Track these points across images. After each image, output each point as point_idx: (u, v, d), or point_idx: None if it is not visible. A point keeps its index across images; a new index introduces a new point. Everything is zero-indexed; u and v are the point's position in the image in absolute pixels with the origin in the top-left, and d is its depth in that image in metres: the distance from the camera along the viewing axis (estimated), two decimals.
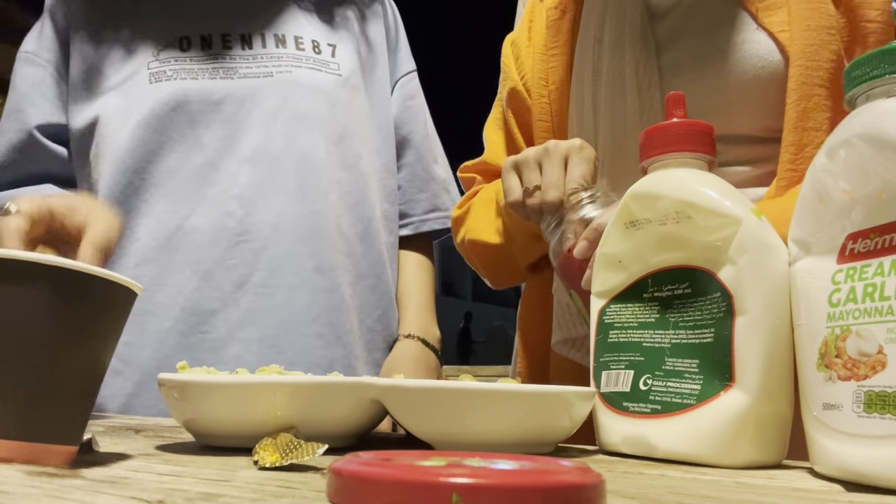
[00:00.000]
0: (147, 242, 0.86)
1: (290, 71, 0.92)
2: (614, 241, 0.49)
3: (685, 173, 0.46)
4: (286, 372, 0.46)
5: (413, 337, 0.97)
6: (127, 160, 0.87)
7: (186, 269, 0.85)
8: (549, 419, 0.42)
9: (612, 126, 0.69)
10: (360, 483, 0.20)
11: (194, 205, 0.86)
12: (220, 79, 0.89)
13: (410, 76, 1.07)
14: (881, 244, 0.34)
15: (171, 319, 0.84)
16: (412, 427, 0.42)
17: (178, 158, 0.87)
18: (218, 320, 0.84)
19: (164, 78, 0.88)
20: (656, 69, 0.68)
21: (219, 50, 0.91)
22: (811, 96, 0.62)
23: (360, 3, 1.03)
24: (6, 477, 0.28)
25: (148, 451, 0.41)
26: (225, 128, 0.88)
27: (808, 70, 0.62)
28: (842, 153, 0.36)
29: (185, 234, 0.86)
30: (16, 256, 0.31)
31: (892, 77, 0.35)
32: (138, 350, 0.84)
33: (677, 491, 0.31)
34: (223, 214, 0.86)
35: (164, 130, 0.87)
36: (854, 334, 0.34)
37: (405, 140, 1.05)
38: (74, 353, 0.33)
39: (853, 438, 0.34)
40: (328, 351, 0.87)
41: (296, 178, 0.89)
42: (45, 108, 0.92)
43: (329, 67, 0.95)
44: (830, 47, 0.62)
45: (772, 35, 0.64)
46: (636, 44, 0.69)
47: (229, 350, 0.84)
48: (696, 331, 0.43)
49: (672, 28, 0.70)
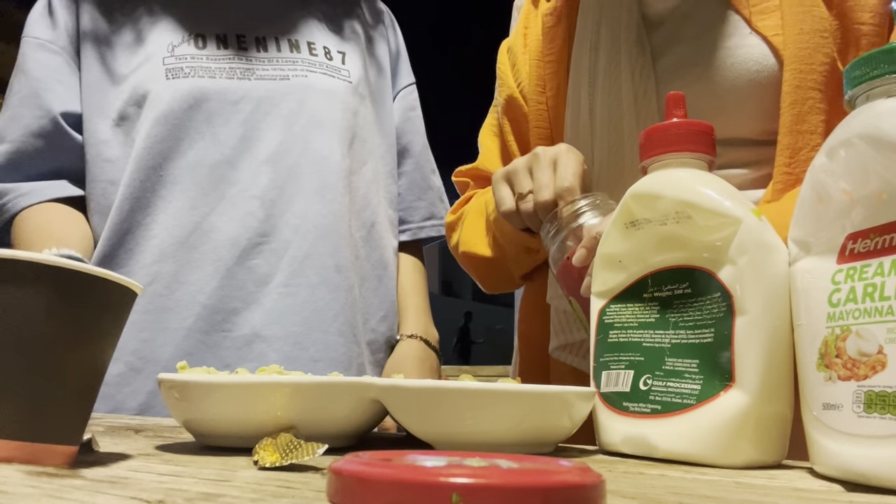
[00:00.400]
0: (165, 239, 0.86)
1: (306, 75, 0.93)
2: (614, 241, 0.49)
3: (685, 173, 0.46)
4: (286, 372, 0.46)
5: (415, 337, 0.99)
6: (145, 156, 0.87)
7: (207, 266, 0.85)
8: (549, 419, 0.42)
9: (608, 132, 0.70)
10: (360, 483, 0.20)
11: (214, 203, 0.86)
12: (237, 79, 0.90)
13: (410, 88, 1.10)
14: (881, 244, 0.34)
15: (193, 317, 0.84)
16: (412, 427, 0.42)
17: (196, 155, 0.87)
18: (241, 319, 0.85)
19: (182, 75, 0.88)
20: (652, 74, 0.69)
21: (235, 50, 0.92)
22: (805, 100, 0.62)
23: (366, 16, 1.06)
24: (6, 477, 0.28)
25: (148, 451, 0.41)
26: (243, 127, 0.88)
27: (801, 74, 0.62)
28: (842, 153, 0.36)
29: (204, 232, 0.86)
30: (16, 256, 0.31)
31: (891, 77, 0.35)
32: (159, 348, 0.84)
33: (677, 491, 0.31)
34: (244, 214, 0.87)
35: (182, 127, 0.87)
36: (854, 334, 0.34)
37: (405, 149, 1.08)
38: (74, 353, 0.33)
39: (853, 438, 0.34)
40: (347, 349, 0.89)
41: (315, 179, 0.90)
42: (65, 96, 0.91)
43: (340, 74, 0.96)
44: (824, 50, 0.62)
45: (765, 39, 0.65)
46: (632, 49, 0.69)
47: (254, 348, 0.85)
48: (696, 331, 0.43)
49: (668, 33, 0.70)
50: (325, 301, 0.88)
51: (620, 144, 0.69)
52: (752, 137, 0.66)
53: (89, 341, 0.33)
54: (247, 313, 0.85)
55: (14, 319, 0.31)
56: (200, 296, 0.85)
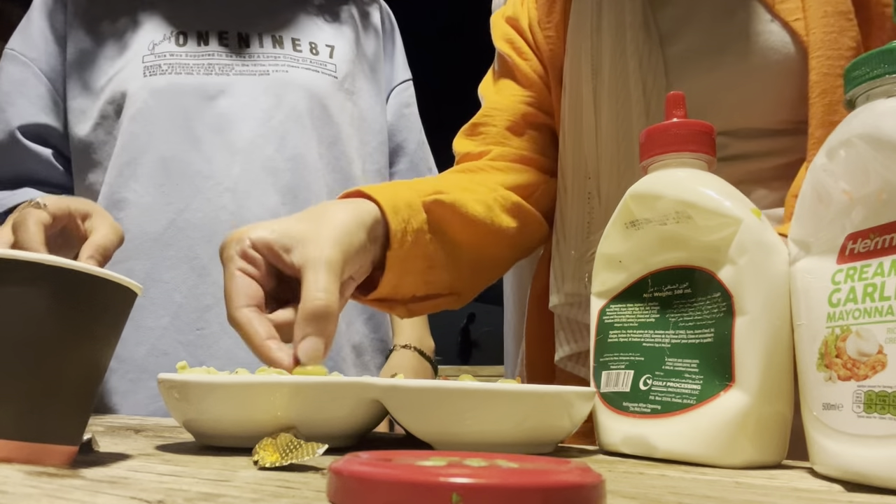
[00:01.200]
0: (137, 235, 0.85)
1: (287, 71, 0.92)
2: (614, 241, 0.49)
3: (685, 173, 0.46)
4: (286, 372, 0.46)
5: (409, 347, 0.98)
6: (120, 153, 0.87)
7: (182, 265, 0.85)
8: (549, 419, 0.42)
9: (615, 123, 0.66)
10: (360, 483, 0.20)
11: (188, 199, 0.86)
12: (215, 75, 0.89)
13: (406, 85, 1.08)
14: (881, 244, 0.34)
15: (168, 316, 0.84)
16: (412, 427, 0.42)
17: (171, 149, 0.87)
18: (212, 315, 0.84)
19: (159, 72, 0.88)
20: (661, 62, 0.65)
21: (215, 47, 0.91)
22: (836, 88, 0.58)
23: (359, 9, 1.04)
24: (6, 477, 0.28)
25: (148, 451, 0.41)
26: (219, 121, 0.88)
27: (829, 60, 0.58)
28: (842, 153, 0.36)
29: (179, 228, 0.85)
30: (16, 256, 0.31)
31: (891, 77, 0.35)
32: (133, 347, 0.83)
33: (677, 491, 0.31)
34: (217, 208, 0.86)
35: (157, 122, 0.87)
36: (854, 334, 0.34)
37: (399, 147, 1.05)
38: (74, 353, 0.33)
39: (853, 438, 0.34)
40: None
41: (288, 177, 0.89)
42: (26, 109, 0.91)
43: (326, 68, 0.95)
44: (850, 34, 0.58)
45: (786, 24, 0.61)
46: (638, 34, 0.65)
47: (221, 344, 0.84)
48: (696, 331, 0.43)
49: (677, 17, 0.66)
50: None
51: (629, 137, 0.65)
52: (770, 127, 0.63)
53: (89, 341, 0.33)
54: (217, 309, 0.84)
55: (14, 319, 0.31)
56: (177, 294, 0.84)
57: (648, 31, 0.65)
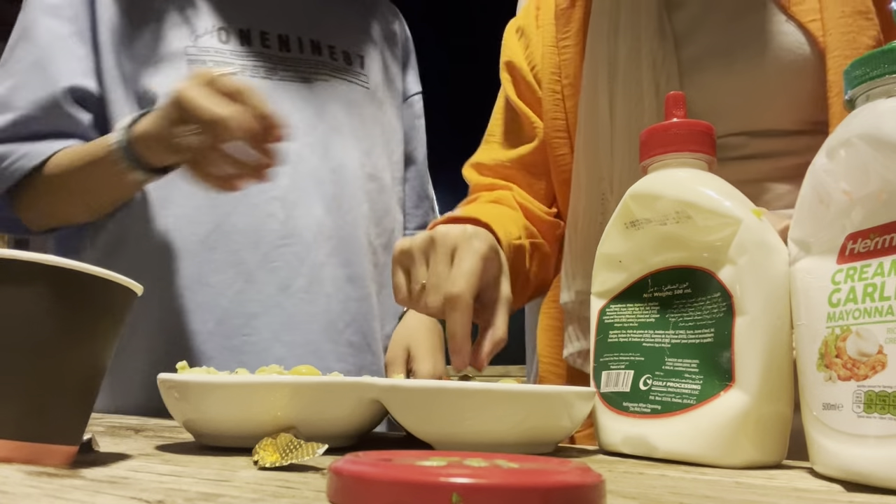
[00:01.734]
0: (186, 236, 0.84)
1: (328, 80, 0.93)
2: (614, 241, 0.49)
3: (685, 173, 0.46)
4: (286, 372, 0.46)
5: None
6: None
7: (229, 269, 0.84)
8: (549, 419, 0.42)
9: (628, 124, 0.66)
10: (360, 483, 0.20)
11: (234, 203, 0.85)
12: (259, 78, 0.89)
13: (418, 97, 1.11)
14: (881, 244, 0.34)
15: (213, 321, 0.83)
16: (412, 427, 0.42)
17: None
18: (260, 323, 0.84)
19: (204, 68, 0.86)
20: (675, 63, 0.65)
21: (258, 48, 0.90)
22: None
23: (382, 21, 1.05)
24: (6, 477, 0.28)
25: (148, 451, 0.41)
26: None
27: (847, 60, 0.57)
28: (842, 153, 0.36)
29: (225, 232, 0.85)
30: (16, 256, 0.31)
31: (891, 77, 0.35)
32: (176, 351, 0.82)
33: (677, 491, 0.31)
34: (266, 216, 0.86)
35: None
36: (854, 334, 0.34)
37: (409, 157, 1.08)
38: (74, 354, 0.33)
39: (853, 438, 0.34)
40: (358, 358, 0.90)
41: (331, 187, 0.90)
42: (75, 69, 0.84)
43: (359, 79, 0.96)
44: (869, 33, 0.58)
45: (801, 25, 0.60)
46: (653, 37, 0.65)
47: (272, 353, 0.84)
48: (696, 331, 0.43)
49: (691, 19, 0.66)
50: (337, 312, 0.88)
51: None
52: (784, 128, 0.63)
53: (89, 341, 0.33)
54: (266, 318, 0.84)
55: (14, 319, 0.31)
56: (223, 299, 0.84)
57: (663, 33, 0.66)
